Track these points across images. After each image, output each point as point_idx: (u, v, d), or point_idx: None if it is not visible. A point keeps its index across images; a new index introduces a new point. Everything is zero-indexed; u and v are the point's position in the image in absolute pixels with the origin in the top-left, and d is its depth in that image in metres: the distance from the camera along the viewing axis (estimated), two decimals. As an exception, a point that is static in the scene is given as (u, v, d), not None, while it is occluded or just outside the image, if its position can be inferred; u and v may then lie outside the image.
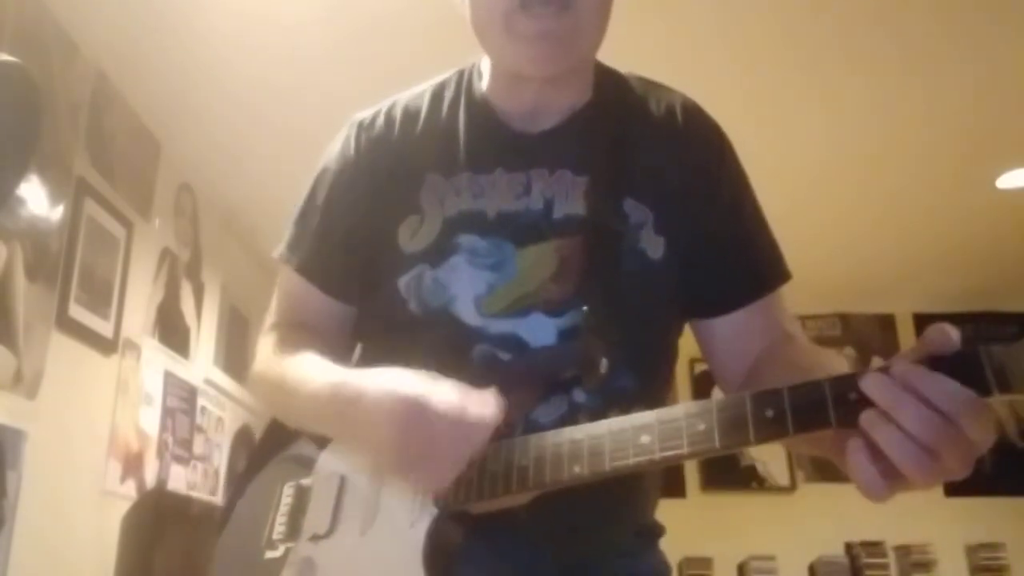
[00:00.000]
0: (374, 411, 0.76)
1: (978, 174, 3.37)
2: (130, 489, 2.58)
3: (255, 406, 3.83)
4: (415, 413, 0.74)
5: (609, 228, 0.90)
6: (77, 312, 2.32)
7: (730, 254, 0.93)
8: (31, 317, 2.10)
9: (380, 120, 1.01)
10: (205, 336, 3.32)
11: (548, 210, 0.91)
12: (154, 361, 2.82)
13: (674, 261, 0.90)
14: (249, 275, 3.88)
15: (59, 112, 2.29)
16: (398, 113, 1.01)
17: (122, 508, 2.48)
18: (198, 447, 3.17)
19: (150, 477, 2.74)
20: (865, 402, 0.59)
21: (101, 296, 2.48)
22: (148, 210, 2.82)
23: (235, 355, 3.80)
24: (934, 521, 4.24)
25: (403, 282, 0.91)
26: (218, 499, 3.35)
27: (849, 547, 4.15)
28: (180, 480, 2.99)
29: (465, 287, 0.89)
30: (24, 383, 2.06)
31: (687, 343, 1.01)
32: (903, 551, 4.13)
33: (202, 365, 3.27)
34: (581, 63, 0.94)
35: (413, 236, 0.93)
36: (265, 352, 0.99)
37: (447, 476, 0.75)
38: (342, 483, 0.89)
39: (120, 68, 2.54)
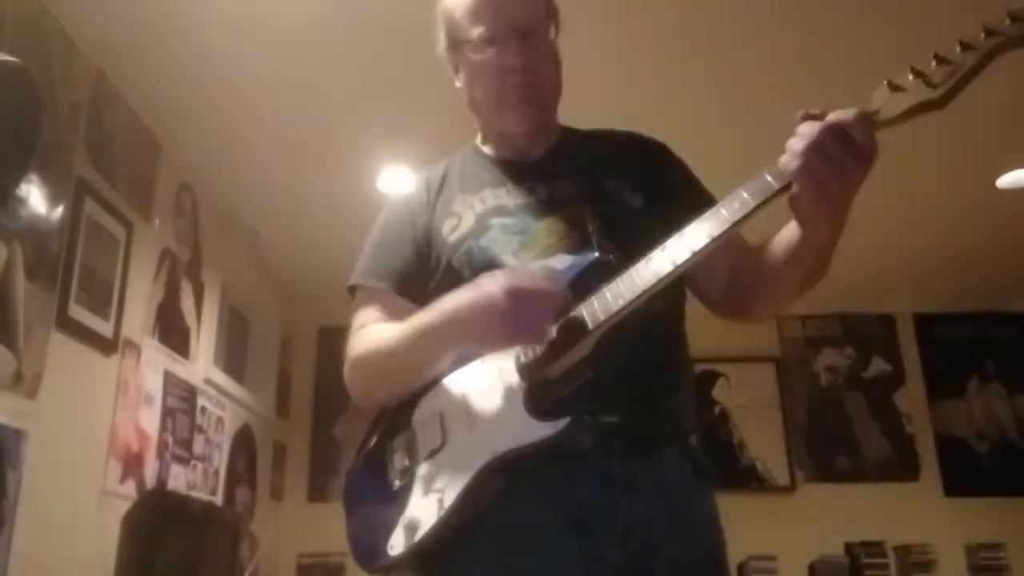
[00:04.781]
0: (475, 306, 1.02)
1: (978, 174, 3.37)
2: (130, 489, 2.59)
3: (256, 406, 3.84)
4: (506, 290, 0.99)
5: (598, 195, 1.20)
6: (77, 312, 2.32)
7: (693, 202, 1.19)
8: (31, 317, 2.10)
9: (417, 183, 1.33)
10: (205, 336, 3.32)
11: (551, 197, 1.22)
12: (154, 361, 2.82)
13: (652, 207, 1.20)
14: (249, 275, 3.88)
15: (59, 112, 2.29)
16: (425, 176, 1.34)
17: (122, 508, 2.47)
18: (198, 447, 3.17)
19: (150, 477, 2.74)
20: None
21: (101, 296, 2.48)
22: (148, 210, 2.82)
23: (235, 355, 3.81)
24: (934, 521, 4.24)
25: (456, 259, 1.18)
26: (218, 499, 3.35)
27: (849, 547, 4.14)
28: (180, 480, 2.99)
29: (503, 247, 1.16)
30: (24, 383, 2.06)
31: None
32: (903, 551, 4.12)
33: (202, 365, 3.26)
34: (550, 117, 1.32)
35: (454, 230, 1.22)
36: (359, 342, 1.22)
37: (549, 322, 0.99)
38: (441, 415, 1.10)
39: (120, 68, 2.54)
